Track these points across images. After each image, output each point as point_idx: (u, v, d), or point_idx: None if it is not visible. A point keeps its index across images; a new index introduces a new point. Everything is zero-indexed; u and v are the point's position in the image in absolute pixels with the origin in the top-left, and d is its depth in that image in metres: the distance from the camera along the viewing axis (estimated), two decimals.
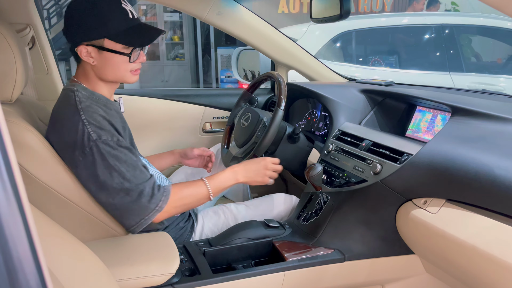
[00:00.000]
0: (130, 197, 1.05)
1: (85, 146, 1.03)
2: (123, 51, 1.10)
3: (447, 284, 1.23)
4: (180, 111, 1.98)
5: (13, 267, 0.27)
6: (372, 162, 1.18)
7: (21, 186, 0.30)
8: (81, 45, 1.09)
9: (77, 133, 1.03)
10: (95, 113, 1.06)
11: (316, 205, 1.30)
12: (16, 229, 0.28)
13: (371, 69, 3.73)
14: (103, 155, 1.03)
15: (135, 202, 1.05)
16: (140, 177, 1.07)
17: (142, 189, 1.06)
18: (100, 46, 1.08)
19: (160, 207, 1.08)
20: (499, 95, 1.48)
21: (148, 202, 1.06)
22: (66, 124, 1.05)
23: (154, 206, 1.07)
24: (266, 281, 1.13)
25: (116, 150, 1.05)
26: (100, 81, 1.15)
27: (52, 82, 1.75)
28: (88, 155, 1.03)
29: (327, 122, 1.64)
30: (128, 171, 1.05)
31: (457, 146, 1.01)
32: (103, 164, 1.03)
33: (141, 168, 1.09)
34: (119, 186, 1.04)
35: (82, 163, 1.04)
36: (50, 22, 6.54)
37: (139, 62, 1.15)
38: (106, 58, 1.10)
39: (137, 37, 1.11)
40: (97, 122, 1.05)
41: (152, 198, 1.07)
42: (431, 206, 1.02)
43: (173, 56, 7.40)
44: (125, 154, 1.06)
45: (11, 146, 0.29)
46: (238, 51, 2.25)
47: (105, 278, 0.77)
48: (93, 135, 1.03)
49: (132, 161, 1.07)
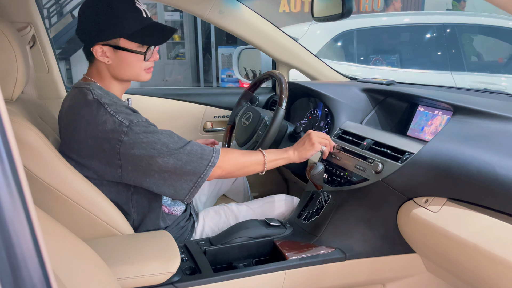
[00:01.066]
0: (180, 160, 1.06)
1: (120, 134, 1.04)
2: (138, 49, 1.12)
3: (448, 283, 1.23)
4: (181, 110, 1.98)
5: (17, 264, 0.27)
6: (374, 161, 1.18)
7: (25, 185, 0.30)
8: (96, 45, 1.09)
9: (107, 124, 1.04)
10: (117, 104, 1.08)
11: (317, 204, 1.30)
12: (20, 226, 0.28)
13: (373, 68, 3.73)
14: (141, 134, 1.05)
15: (187, 163, 1.07)
16: (181, 141, 1.09)
17: (190, 149, 1.08)
18: (115, 45, 1.10)
19: (213, 162, 1.09)
20: (501, 94, 1.48)
21: (200, 159, 1.08)
22: (92, 119, 1.05)
23: (206, 162, 1.08)
24: (267, 280, 1.13)
25: (150, 127, 1.07)
26: (114, 80, 1.16)
27: (52, 81, 1.75)
28: (125, 141, 1.04)
29: (328, 121, 1.64)
30: (169, 140, 1.07)
31: (458, 145, 1.01)
32: (144, 143, 1.04)
33: (176, 134, 1.11)
34: (167, 154, 1.05)
35: (120, 150, 1.04)
36: (51, 21, 6.55)
37: (153, 61, 1.18)
38: (122, 57, 1.11)
39: (152, 36, 1.13)
40: (123, 111, 1.07)
41: (202, 154, 1.09)
42: (432, 205, 1.02)
43: (173, 56, 7.40)
44: (157, 129, 1.09)
45: (15, 145, 0.29)
46: (239, 50, 2.25)
47: (105, 277, 0.77)
48: (125, 121, 1.05)
49: (166, 131, 1.10)
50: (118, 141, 1.04)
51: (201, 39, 7.03)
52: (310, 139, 1.26)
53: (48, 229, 0.72)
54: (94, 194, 1.09)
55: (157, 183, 1.08)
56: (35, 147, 1.01)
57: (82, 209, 1.08)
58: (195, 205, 1.56)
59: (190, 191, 1.09)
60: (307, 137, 1.27)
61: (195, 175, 1.08)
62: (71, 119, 1.10)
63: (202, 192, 1.61)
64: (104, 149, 1.05)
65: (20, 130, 0.99)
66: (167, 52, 7.30)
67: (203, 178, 1.09)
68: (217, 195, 1.67)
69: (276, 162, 1.23)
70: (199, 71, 7.22)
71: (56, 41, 5.91)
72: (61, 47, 6.23)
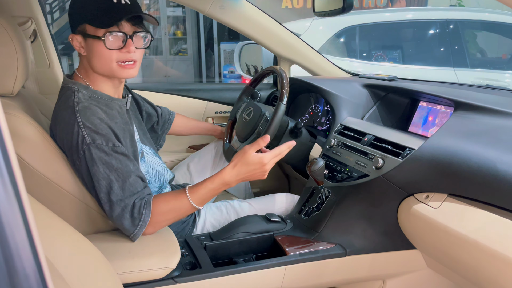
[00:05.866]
0: (114, 211, 1.02)
1: (79, 150, 1.01)
2: (97, 34, 1.02)
3: (449, 279, 1.22)
4: (182, 106, 1.98)
5: (10, 254, 0.27)
6: (374, 156, 1.18)
7: (19, 176, 0.29)
8: (72, 33, 1.07)
9: (73, 135, 1.01)
10: (93, 115, 1.01)
11: (317, 200, 1.29)
12: (13, 217, 0.28)
13: (375, 64, 3.71)
14: (94, 161, 1.00)
15: (119, 218, 1.02)
16: (128, 189, 1.02)
17: (127, 203, 1.02)
18: (83, 32, 1.04)
19: (144, 221, 1.03)
20: (503, 90, 1.47)
21: (131, 218, 1.02)
22: (64, 126, 1.03)
23: (137, 221, 1.03)
24: (267, 275, 1.13)
25: (109, 157, 1.01)
26: (97, 75, 1.10)
27: (53, 75, 1.76)
28: (82, 159, 1.01)
29: (329, 116, 1.63)
30: (117, 181, 1.01)
31: (459, 140, 1.01)
32: (93, 170, 1.01)
33: (132, 179, 1.03)
34: (106, 197, 1.02)
35: (79, 167, 1.04)
36: (53, 16, 6.55)
37: (126, 52, 1.04)
38: (91, 46, 1.04)
39: (108, 17, 1.01)
40: (93, 125, 1.00)
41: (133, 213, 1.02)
42: (433, 200, 1.01)
43: (176, 51, 7.39)
44: (119, 162, 1.02)
45: (9, 137, 0.29)
46: (241, 46, 2.24)
47: (105, 271, 0.77)
48: (87, 138, 1.00)
49: (125, 170, 1.02)
50: (77, 157, 1.02)
51: (203, 35, 7.02)
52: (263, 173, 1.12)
53: (47, 223, 0.72)
54: None
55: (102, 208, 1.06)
56: (35, 141, 1.01)
57: (82, 204, 1.08)
58: None
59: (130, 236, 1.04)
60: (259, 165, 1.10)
61: (126, 231, 1.04)
62: (52, 121, 1.09)
63: None
64: (69, 160, 1.06)
65: (20, 124, 0.99)
66: (169, 48, 7.29)
67: (134, 237, 1.04)
68: None
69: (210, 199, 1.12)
70: (201, 67, 7.21)
71: (58, 37, 5.92)
72: (63, 42, 6.23)
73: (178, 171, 1.65)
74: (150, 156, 1.28)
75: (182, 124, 1.66)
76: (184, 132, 1.68)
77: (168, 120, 1.59)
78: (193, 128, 1.69)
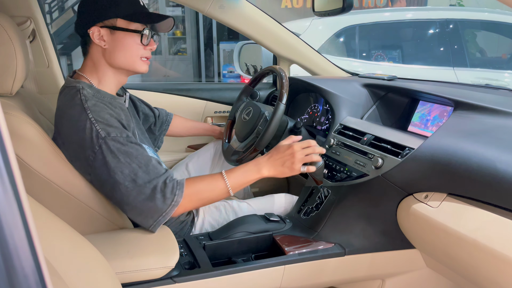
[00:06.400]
0: (143, 194, 1.01)
1: (94, 145, 1.01)
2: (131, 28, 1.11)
3: (448, 278, 1.23)
4: (182, 105, 1.98)
5: (9, 254, 0.27)
6: (374, 156, 1.18)
7: (18, 176, 0.29)
8: (94, 26, 1.09)
9: (85, 132, 1.02)
10: (102, 111, 1.04)
11: (317, 199, 1.29)
12: (12, 217, 0.28)
13: (375, 64, 3.72)
14: (113, 153, 1.01)
15: (149, 200, 1.02)
16: (153, 172, 1.04)
17: (156, 184, 1.02)
18: (112, 26, 1.10)
19: (176, 201, 1.04)
20: (503, 89, 1.47)
21: (163, 198, 1.03)
22: (74, 124, 1.03)
23: (170, 201, 1.03)
24: (266, 274, 1.13)
25: (127, 146, 1.03)
26: (108, 71, 1.14)
27: (52, 75, 1.75)
28: (98, 154, 1.01)
29: (329, 116, 1.63)
30: (140, 167, 1.03)
31: (459, 140, 1.01)
32: (114, 162, 1.01)
33: (154, 163, 1.06)
34: (132, 184, 1.01)
35: (94, 164, 1.03)
36: (52, 16, 6.54)
37: (149, 49, 1.16)
38: (118, 39, 1.10)
39: (149, 17, 1.13)
40: (105, 120, 1.03)
41: (166, 193, 1.03)
42: (432, 200, 1.01)
43: (175, 51, 7.39)
44: (136, 150, 1.04)
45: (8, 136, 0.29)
46: (240, 45, 2.24)
47: (104, 271, 0.77)
48: (102, 132, 1.01)
49: (144, 156, 1.05)
50: (92, 152, 1.02)
51: (202, 35, 7.01)
52: (292, 160, 1.13)
53: (46, 223, 0.72)
54: (93, 188, 1.09)
55: (121, 208, 1.06)
56: (34, 141, 1.01)
57: (81, 204, 1.08)
58: None
59: (151, 226, 1.05)
60: (288, 155, 1.14)
61: (157, 213, 1.03)
62: (58, 120, 1.09)
63: None
64: (80, 157, 1.05)
65: (19, 124, 0.99)
66: (169, 47, 7.29)
67: (165, 217, 1.04)
68: None
69: (245, 185, 1.14)
70: (200, 67, 7.21)
71: (57, 36, 5.91)
72: (62, 42, 6.23)
73: (177, 171, 1.65)
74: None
75: (180, 125, 1.66)
76: (182, 133, 1.68)
77: (165, 121, 1.59)
78: (192, 129, 1.70)
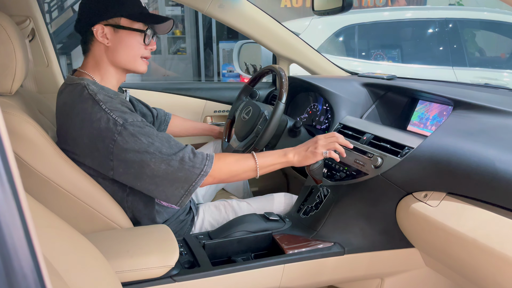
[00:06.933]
0: (172, 167, 1.04)
1: (113, 133, 1.02)
2: (134, 27, 1.14)
3: (447, 277, 1.23)
4: (181, 105, 1.98)
5: (8, 253, 0.27)
6: (373, 155, 1.18)
7: (17, 175, 0.29)
8: (97, 24, 1.11)
9: (101, 122, 1.03)
10: (113, 101, 1.07)
11: (316, 199, 1.29)
12: (11, 216, 0.28)
13: (374, 63, 3.72)
14: (135, 136, 1.03)
15: (179, 170, 1.04)
16: (176, 146, 1.07)
17: (182, 156, 1.05)
18: (116, 24, 1.12)
19: (205, 171, 1.07)
20: (502, 89, 1.47)
21: (192, 167, 1.06)
22: (88, 116, 1.04)
23: (199, 171, 1.06)
24: (265, 273, 1.13)
25: (145, 128, 1.06)
26: (110, 69, 1.16)
27: (52, 74, 1.75)
28: (119, 140, 1.02)
29: (328, 115, 1.63)
30: (163, 144, 1.05)
31: (458, 139, 1.01)
32: (137, 145, 1.03)
33: (173, 138, 1.10)
34: (159, 160, 1.03)
35: (115, 151, 1.03)
36: (51, 16, 6.53)
37: (150, 50, 1.19)
38: (121, 37, 1.13)
39: (152, 17, 1.16)
40: (119, 109, 1.06)
41: (195, 163, 1.06)
42: (431, 199, 1.02)
43: (174, 50, 7.38)
44: (154, 130, 1.08)
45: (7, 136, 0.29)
46: (240, 45, 2.24)
47: (104, 270, 0.77)
48: (119, 120, 1.03)
49: (163, 134, 1.08)
50: (112, 140, 1.02)
51: (202, 34, 7.01)
52: (315, 145, 1.17)
53: (46, 223, 0.72)
54: (93, 188, 1.09)
55: (149, 188, 1.07)
56: (33, 140, 1.01)
57: (81, 203, 1.08)
58: (194, 199, 1.56)
59: (181, 198, 1.07)
60: (312, 142, 1.19)
61: (187, 183, 1.06)
62: (66, 116, 1.09)
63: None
64: (98, 148, 1.04)
65: (19, 123, 0.99)
66: (168, 47, 7.28)
67: (195, 186, 1.07)
68: (216, 189, 1.68)
69: (272, 167, 1.18)
70: (200, 66, 7.21)
71: (57, 36, 5.91)
72: (62, 41, 6.22)
73: None
74: None
75: (179, 125, 1.66)
76: (181, 133, 1.68)
77: (164, 121, 1.59)
78: (190, 129, 1.70)
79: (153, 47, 1.20)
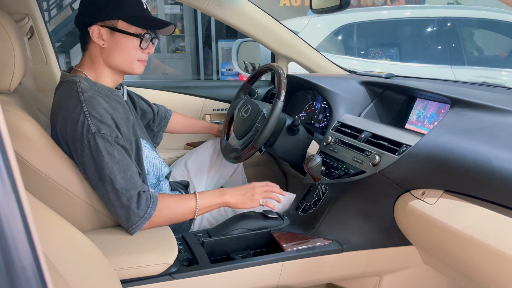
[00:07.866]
0: (120, 199, 1.03)
1: (83, 139, 1.02)
2: (135, 32, 1.12)
3: (445, 274, 1.23)
4: (180, 103, 1.98)
5: (8, 250, 0.27)
6: (371, 153, 1.18)
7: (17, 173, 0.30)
8: (94, 24, 1.10)
9: (78, 124, 1.02)
10: (98, 105, 1.05)
11: (314, 197, 1.30)
12: (12, 213, 0.28)
13: (372, 62, 3.72)
14: (99, 150, 1.02)
15: (124, 208, 1.04)
16: (130, 181, 1.05)
17: (131, 194, 1.04)
18: (113, 27, 1.10)
19: (149, 214, 1.05)
20: (499, 87, 1.47)
21: (137, 209, 1.04)
22: (69, 115, 1.04)
23: (143, 213, 1.05)
24: (264, 271, 1.13)
25: (113, 147, 1.04)
26: (105, 69, 1.15)
27: (51, 72, 1.75)
28: (86, 148, 1.02)
29: (326, 114, 1.64)
30: (119, 172, 1.03)
31: (456, 137, 1.01)
32: (98, 159, 1.02)
33: (133, 172, 1.07)
34: (110, 186, 1.03)
35: (81, 156, 1.04)
36: (50, 14, 6.52)
37: (147, 53, 1.17)
38: (117, 40, 1.11)
39: (151, 22, 1.14)
40: (99, 115, 1.04)
41: (141, 205, 1.04)
42: (429, 197, 1.02)
43: (173, 49, 7.37)
44: (120, 153, 1.05)
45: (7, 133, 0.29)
46: (239, 43, 2.24)
47: (103, 267, 0.77)
48: (93, 127, 1.02)
49: (125, 162, 1.05)
50: (80, 145, 1.03)
51: (201, 33, 7.00)
52: (252, 192, 1.22)
53: (45, 220, 0.72)
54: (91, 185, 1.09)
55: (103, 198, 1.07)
56: (32, 138, 1.01)
57: (80, 200, 1.08)
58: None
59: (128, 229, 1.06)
60: (250, 188, 1.23)
61: (129, 221, 1.05)
62: (54, 113, 1.10)
63: (200, 184, 1.62)
64: (71, 148, 1.06)
65: (18, 121, 0.99)
66: (167, 45, 7.27)
67: (135, 229, 1.05)
68: (215, 187, 1.68)
69: (209, 209, 1.20)
70: (199, 65, 7.20)
71: (55, 34, 5.89)
72: (60, 40, 6.21)
73: (176, 168, 1.66)
74: (147, 150, 1.29)
75: (179, 122, 1.66)
76: (181, 130, 1.68)
77: (164, 118, 1.59)
78: (190, 126, 1.70)
79: (151, 50, 1.18)
